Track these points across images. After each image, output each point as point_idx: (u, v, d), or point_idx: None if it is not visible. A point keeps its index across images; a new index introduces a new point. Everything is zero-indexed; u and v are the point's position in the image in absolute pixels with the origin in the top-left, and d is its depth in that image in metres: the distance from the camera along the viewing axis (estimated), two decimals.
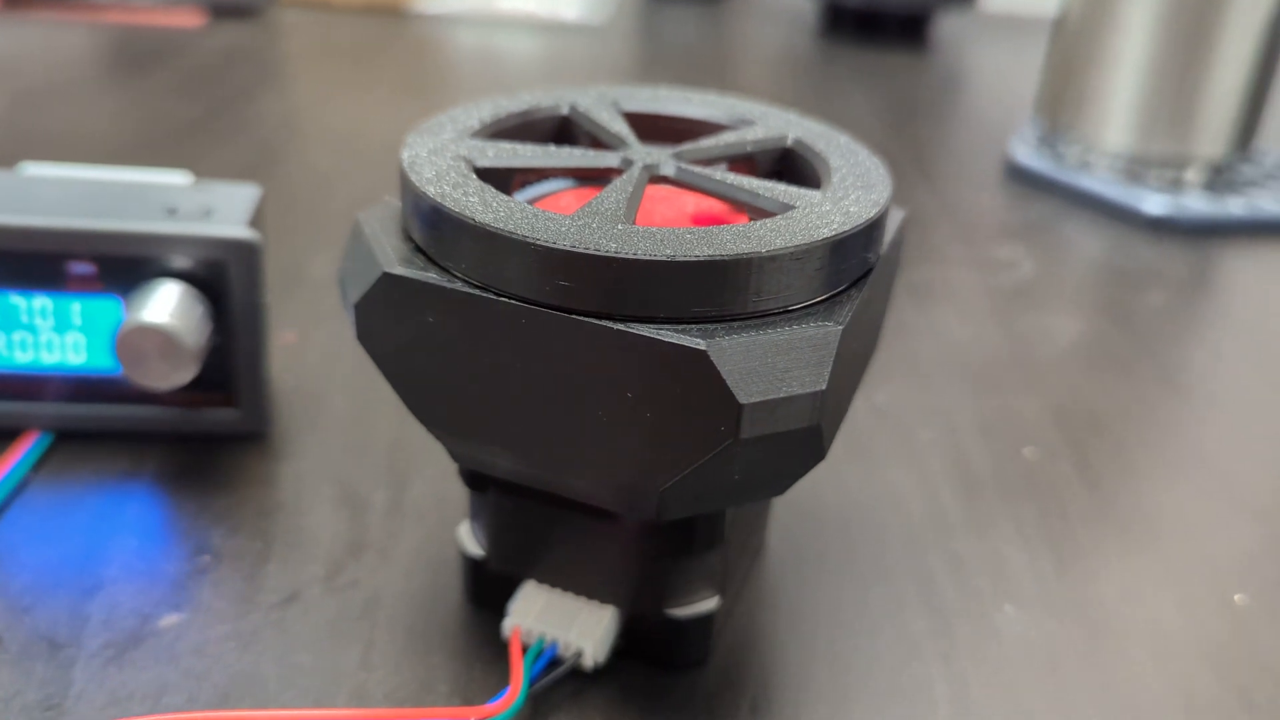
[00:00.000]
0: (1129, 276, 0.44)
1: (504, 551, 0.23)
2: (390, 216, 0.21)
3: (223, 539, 0.26)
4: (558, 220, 0.18)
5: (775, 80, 0.69)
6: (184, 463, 0.28)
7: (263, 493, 0.27)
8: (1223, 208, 0.49)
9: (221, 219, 0.27)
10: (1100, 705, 0.23)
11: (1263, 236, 0.49)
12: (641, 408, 0.18)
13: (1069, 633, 0.25)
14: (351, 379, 0.32)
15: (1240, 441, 0.33)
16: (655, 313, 0.18)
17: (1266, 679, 0.24)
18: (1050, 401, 0.34)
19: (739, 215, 0.22)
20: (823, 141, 0.23)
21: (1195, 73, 0.49)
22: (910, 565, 0.26)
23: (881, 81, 0.70)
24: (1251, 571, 0.27)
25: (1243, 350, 0.38)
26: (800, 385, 0.18)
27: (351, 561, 0.25)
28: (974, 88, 0.72)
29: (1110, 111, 0.52)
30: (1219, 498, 0.30)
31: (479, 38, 0.72)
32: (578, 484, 0.20)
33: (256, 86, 0.59)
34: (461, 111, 0.23)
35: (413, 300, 0.19)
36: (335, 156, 0.50)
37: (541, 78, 0.65)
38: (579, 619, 0.22)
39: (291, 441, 0.29)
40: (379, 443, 0.29)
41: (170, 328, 0.25)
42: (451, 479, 0.28)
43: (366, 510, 0.27)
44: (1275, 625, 0.25)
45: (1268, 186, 0.52)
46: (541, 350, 0.18)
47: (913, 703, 0.23)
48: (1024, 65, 0.77)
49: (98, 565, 0.25)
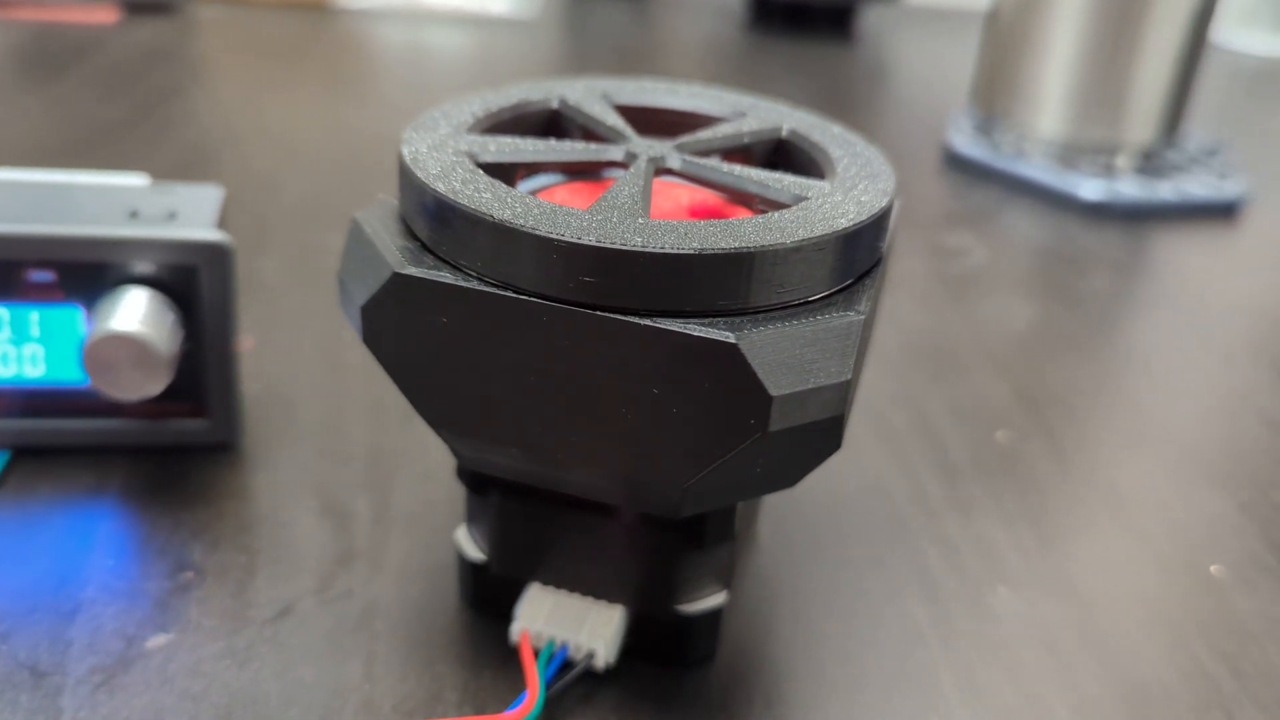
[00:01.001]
0: (1073, 261, 0.45)
1: (507, 554, 0.22)
2: (389, 215, 0.20)
3: (203, 554, 0.25)
4: (577, 215, 0.18)
5: (707, 73, 0.70)
6: (152, 476, 0.27)
7: (240, 505, 0.26)
8: (1153, 192, 0.50)
9: (187, 221, 0.26)
10: (1102, 681, 0.23)
11: (1190, 219, 0.50)
12: (667, 403, 0.18)
13: (1061, 611, 0.25)
14: (318, 383, 0.31)
15: (1195, 414, 0.34)
16: (681, 306, 0.17)
17: (1252, 646, 0.25)
18: (1015, 385, 0.35)
19: (734, 207, 0.22)
20: (817, 132, 0.23)
21: (1125, 61, 0.51)
22: (902, 551, 0.27)
23: (811, 73, 0.70)
24: (1222, 542, 0.28)
25: (1186, 327, 0.40)
26: (827, 376, 0.18)
27: (342, 572, 0.24)
28: (902, 78, 0.73)
29: (1044, 100, 0.53)
30: (1183, 470, 0.31)
31: (406, 33, 0.71)
32: (597, 482, 0.19)
33: (181, 85, 0.57)
34: (452, 106, 0.22)
35: (426, 301, 0.18)
36: (273, 157, 0.48)
37: (474, 73, 0.65)
38: (589, 620, 0.22)
39: (263, 451, 0.28)
40: (355, 449, 0.29)
41: (142, 336, 0.24)
42: (435, 483, 0.27)
43: (351, 519, 0.26)
44: (1251, 594, 0.26)
45: (1191, 171, 0.53)
46: (563, 347, 0.18)
47: (921, 689, 0.23)
48: (949, 56, 0.79)
49: (73, 587, 0.23)
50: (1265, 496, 0.30)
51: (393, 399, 0.31)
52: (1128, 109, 0.52)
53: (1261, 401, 0.35)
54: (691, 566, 0.22)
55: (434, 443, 0.29)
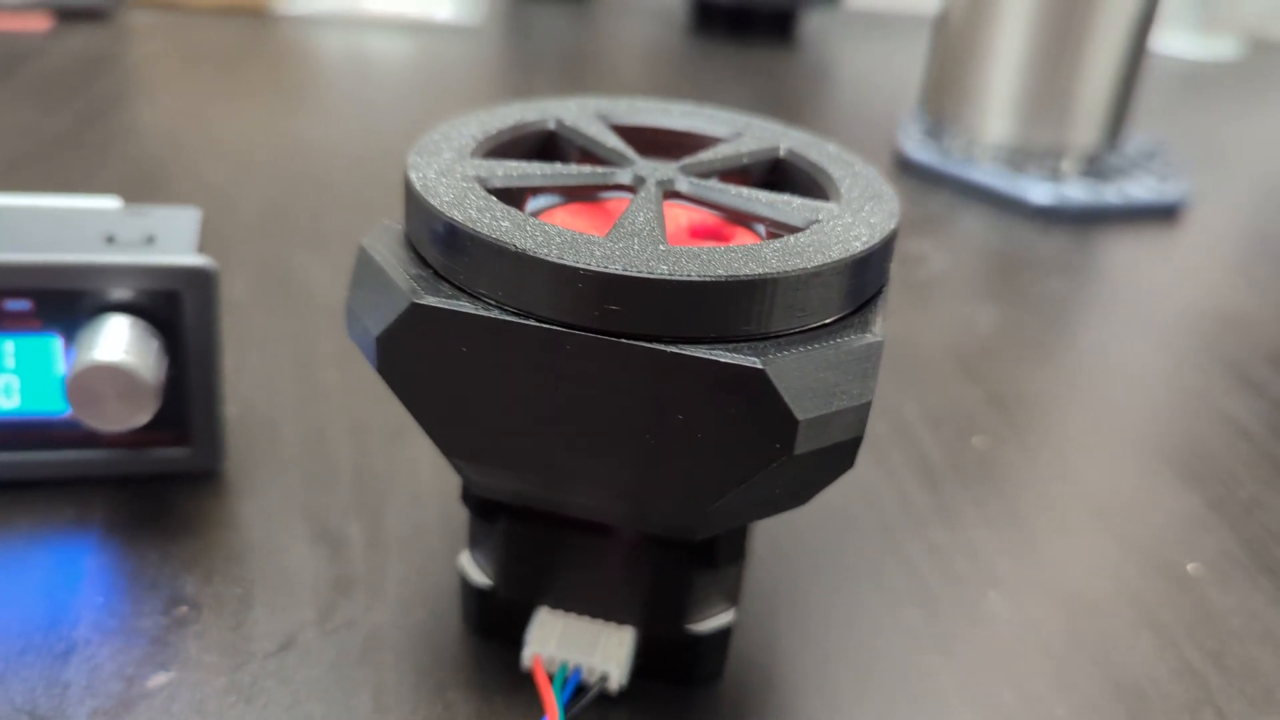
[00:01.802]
0: (1028, 265, 0.46)
1: (515, 579, 0.22)
2: (396, 241, 0.20)
3: (197, 587, 0.24)
4: (598, 243, 0.18)
5: (653, 77, 0.70)
6: (135, 507, 0.26)
7: (230, 535, 0.26)
8: (1099, 195, 0.52)
9: (167, 245, 0.26)
10: (1096, 681, 0.24)
11: (1134, 221, 0.52)
12: (692, 428, 0.18)
13: (1051, 613, 0.26)
14: (297, 405, 0.31)
15: (1159, 415, 0.35)
16: (704, 333, 0.17)
17: (1234, 643, 0.25)
18: (985, 389, 0.35)
19: (732, 227, 0.22)
20: (814, 151, 0.23)
21: (1070, 66, 0.52)
22: (894, 559, 0.27)
23: (756, 77, 0.71)
24: (1196, 540, 0.29)
25: (1142, 329, 0.41)
26: (849, 398, 0.18)
27: (342, 601, 0.24)
28: (846, 82, 0.74)
29: (992, 104, 0.54)
30: (1152, 469, 0.32)
31: (349, 40, 0.70)
32: (616, 507, 0.19)
33: (121, 95, 0.56)
34: (451, 129, 0.22)
35: (445, 331, 0.18)
36: (225, 170, 0.47)
37: (420, 81, 0.64)
38: (600, 642, 0.22)
39: (247, 477, 0.28)
40: (341, 472, 0.28)
41: (128, 365, 0.24)
42: (426, 506, 0.27)
43: (345, 545, 0.26)
44: (1229, 591, 0.27)
45: (1133, 174, 0.55)
46: (586, 375, 0.18)
47: (925, 697, 0.23)
48: (892, 59, 0.80)
49: (64, 626, 0.23)
50: (1232, 494, 0.31)
51: (375, 419, 0.30)
52: (1073, 113, 0.53)
53: (1220, 401, 0.36)
54: (703, 586, 0.22)
55: (422, 464, 0.29)
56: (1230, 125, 0.72)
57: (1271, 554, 0.29)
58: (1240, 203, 0.57)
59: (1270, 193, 0.59)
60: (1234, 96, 0.79)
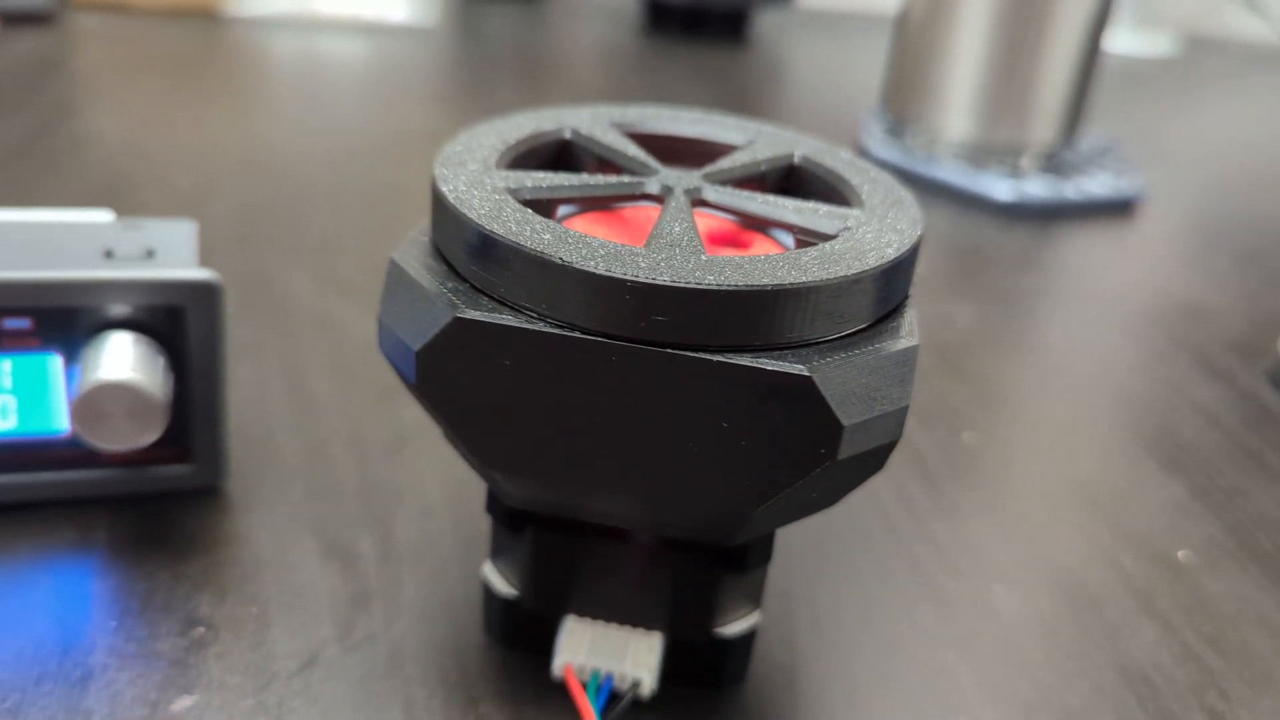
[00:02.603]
0: (996, 261, 0.47)
1: (542, 589, 0.22)
2: (427, 253, 0.20)
3: (212, 607, 0.24)
4: (640, 254, 0.18)
5: (609, 77, 0.70)
6: (139, 527, 0.26)
7: (239, 551, 0.25)
8: (1058, 192, 0.53)
9: (168, 259, 0.25)
10: (1105, 670, 0.25)
11: (1092, 216, 0.53)
12: (737, 436, 0.18)
13: (1054, 604, 0.27)
14: (292, 417, 0.30)
15: (1135, 405, 0.36)
16: (748, 341, 0.18)
17: (1229, 628, 0.26)
18: (971, 386, 0.36)
19: (751, 234, 0.22)
20: (828, 157, 0.23)
21: (1029, 65, 0.53)
22: (900, 557, 0.28)
23: (712, 77, 0.71)
24: (1183, 527, 0.30)
25: (1110, 322, 0.42)
26: (890, 403, 0.18)
27: (360, 616, 0.24)
28: (802, 81, 0.75)
29: (953, 103, 0.55)
30: (1135, 459, 0.33)
31: (302, 42, 0.69)
32: (656, 516, 0.19)
33: (76, 101, 0.54)
34: (470, 139, 0.22)
35: (488, 344, 0.18)
36: (193, 177, 0.46)
37: (376, 83, 0.63)
38: (630, 649, 0.22)
39: (250, 493, 0.27)
40: (345, 484, 0.28)
41: (136, 383, 0.23)
42: (435, 516, 0.27)
43: (357, 559, 0.25)
44: (1219, 577, 0.28)
45: (1089, 171, 0.56)
46: (630, 386, 0.18)
47: (945, 693, 0.24)
48: (846, 59, 0.81)
49: (79, 652, 0.22)
50: (1213, 482, 0.32)
51: (373, 430, 0.30)
52: (1032, 111, 0.54)
53: (1191, 391, 0.37)
54: (731, 590, 0.22)
55: (426, 474, 0.29)
56: (1173, 120, 0.74)
57: (1256, 540, 0.30)
58: (1188, 196, 0.58)
59: (1215, 186, 0.61)
60: (1173, 92, 0.82)
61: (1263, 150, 0.70)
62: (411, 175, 0.49)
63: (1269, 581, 0.28)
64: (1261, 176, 0.64)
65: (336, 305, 0.37)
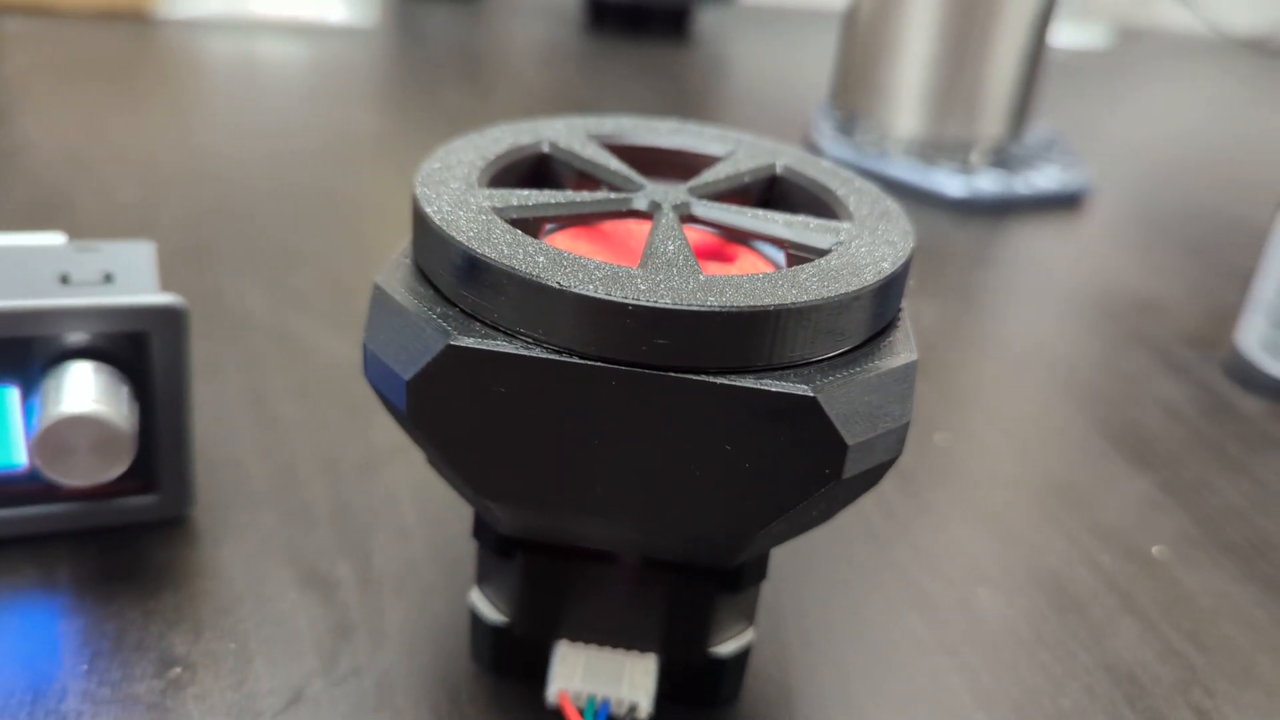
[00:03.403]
0: (952, 257, 0.47)
1: (534, 615, 0.22)
2: (412, 277, 0.19)
3: (187, 645, 0.23)
4: (638, 275, 0.17)
5: (552, 76, 0.69)
6: (104, 562, 0.25)
7: (212, 585, 0.24)
8: (1009, 186, 0.54)
9: (129, 284, 0.24)
10: (1092, 670, 0.25)
11: (1042, 210, 0.54)
12: (739, 458, 0.18)
13: (1037, 605, 0.27)
14: (256, 441, 0.29)
15: (1099, 401, 0.36)
16: (751, 363, 0.17)
17: (1207, 623, 0.27)
18: (938, 386, 0.36)
19: (733, 247, 0.22)
20: (810, 166, 0.23)
21: (977, 60, 0.54)
22: (884, 564, 0.27)
23: (656, 75, 0.71)
24: (1155, 523, 0.30)
25: (1067, 316, 0.43)
26: (892, 420, 0.18)
27: (344, 647, 0.23)
28: (747, 78, 0.75)
29: (902, 100, 0.55)
30: (1103, 455, 0.33)
31: (238, 45, 0.67)
32: (656, 540, 0.19)
33: (6, 109, 0.52)
34: (448, 155, 0.21)
35: (482, 372, 0.17)
36: (135, 189, 0.45)
37: (316, 85, 0.62)
38: (625, 672, 0.22)
39: (218, 522, 0.26)
40: (318, 509, 0.27)
41: (101, 416, 0.22)
42: (413, 540, 0.26)
43: (336, 587, 0.25)
44: (1194, 571, 0.28)
45: (1036, 165, 0.57)
46: (630, 411, 0.17)
47: (939, 700, 0.24)
48: (790, 55, 0.81)
49: (51, 699, 0.21)
50: (1179, 476, 0.33)
51: (342, 451, 0.29)
52: (981, 106, 0.55)
53: (1151, 385, 0.38)
54: (727, 609, 0.22)
55: (401, 496, 0.28)
56: (1110, 112, 0.76)
57: (1225, 533, 0.30)
58: (1132, 188, 0.59)
59: (1156, 177, 0.62)
60: (1109, 84, 0.83)
61: (1198, 140, 0.71)
62: (363, 182, 0.48)
63: (1242, 574, 0.29)
64: (1200, 166, 0.65)
65: (295, 320, 0.36)
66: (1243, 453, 0.34)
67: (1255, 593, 0.28)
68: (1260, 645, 0.26)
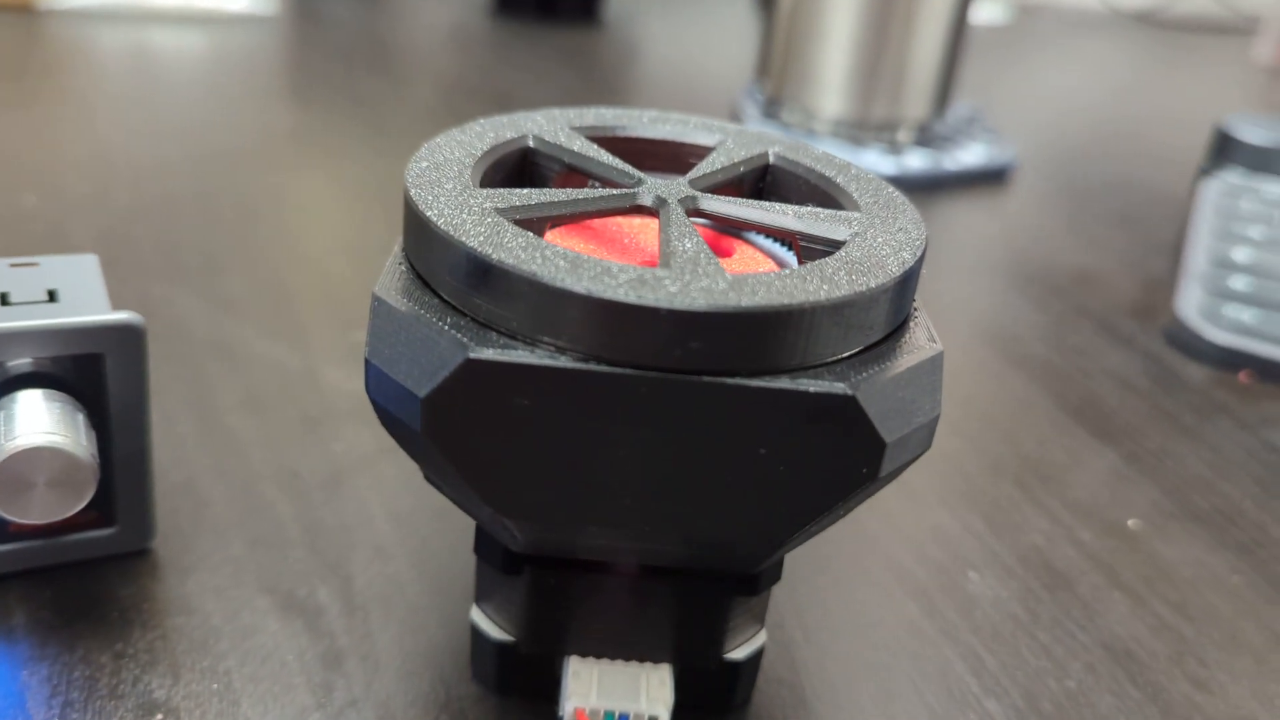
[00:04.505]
0: None
1: (542, 631, 0.21)
2: (414, 286, 0.18)
3: (167, 689, 0.21)
4: (665, 277, 0.16)
5: (466, 62, 0.67)
6: (63, 603, 0.23)
7: (183, 621, 0.23)
8: (938, 164, 0.54)
9: (75, 301, 0.22)
10: (1090, 648, 0.25)
11: (970, 187, 0.55)
12: (775, 462, 0.17)
13: (1028, 585, 0.27)
14: (213, 459, 0.28)
15: (1055, 375, 0.37)
16: (786, 363, 0.17)
17: (1191, 592, 0.27)
18: None
19: (727, 239, 0.21)
20: (803, 155, 0.22)
21: (901, 40, 0.54)
22: (873, 553, 0.27)
23: (571, 58, 0.70)
24: (1126, 496, 0.31)
25: (1013, 292, 0.43)
26: (924, 414, 0.18)
27: (338, 678, 0.22)
28: (663, 60, 0.74)
29: (828, 81, 0.55)
30: (1069, 431, 0.33)
31: (132, 36, 0.64)
32: (688, 551, 0.18)
33: None
34: (434, 154, 0.20)
35: (504, 385, 0.16)
36: (41, 192, 0.42)
37: (218, 76, 0.59)
38: (642, 685, 0.21)
39: (182, 552, 0.25)
40: (288, 531, 0.26)
41: (60, 447, 0.20)
42: (392, 559, 0.25)
43: (319, 614, 0.23)
44: (1169, 542, 0.29)
45: (961, 142, 0.58)
46: (661, 419, 0.16)
47: (946, 685, 0.23)
48: (703, 36, 0.81)
49: None
50: (1142, 447, 0.33)
51: (304, 467, 0.28)
52: (906, 86, 0.55)
53: (1102, 358, 0.38)
54: (742, 613, 0.21)
55: (374, 511, 0.26)
56: (1021, 88, 0.77)
57: (1193, 502, 0.31)
58: (1052, 161, 0.60)
59: (1072, 149, 0.63)
60: (1015, 60, 0.85)
61: (1106, 112, 0.73)
62: (284, 179, 0.46)
63: (1215, 542, 0.29)
64: (1112, 138, 0.67)
65: (232, 328, 0.34)
66: (1196, 421, 0.35)
67: (1230, 559, 0.28)
68: (1242, 612, 0.27)
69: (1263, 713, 0.24)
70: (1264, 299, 0.41)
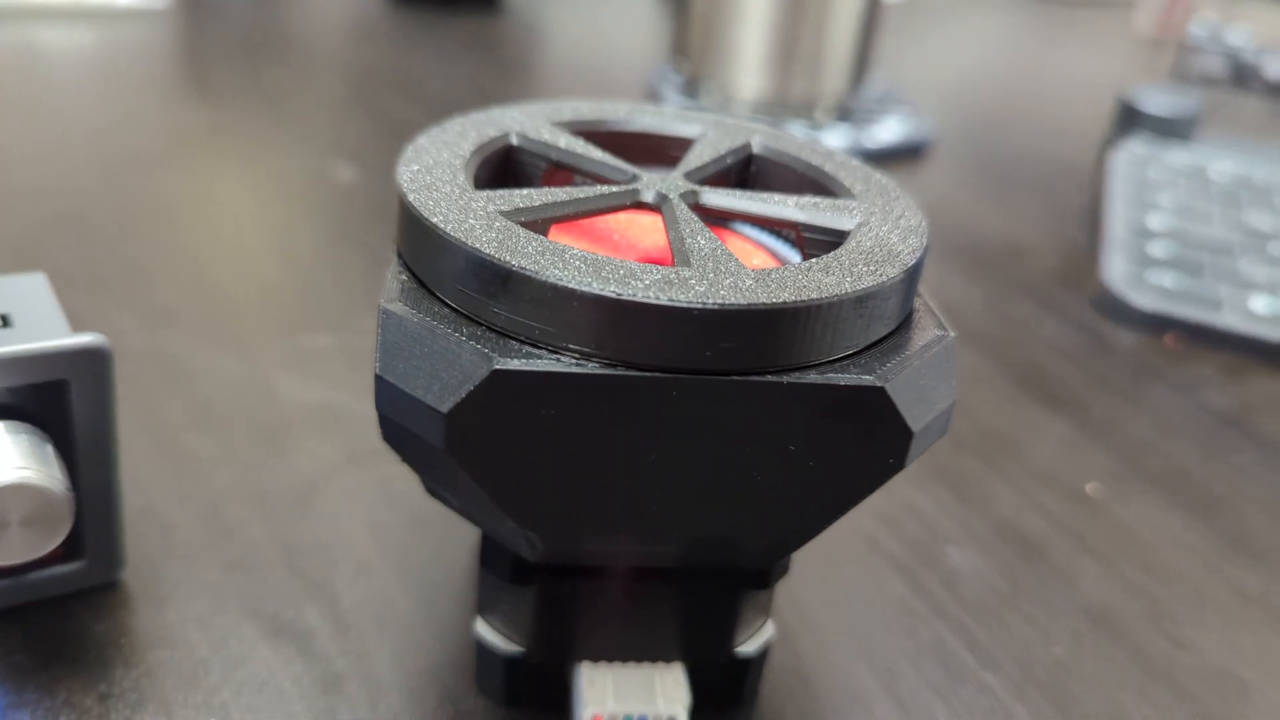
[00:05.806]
0: None
1: (552, 640, 0.20)
2: (421, 296, 0.17)
3: None
4: (690, 276, 0.16)
5: (367, 52, 0.65)
6: (36, 642, 0.22)
7: (167, 654, 0.22)
8: (857, 141, 0.55)
9: (30, 325, 0.21)
10: (1071, 615, 0.26)
11: (889, 162, 0.55)
12: (804, 457, 0.17)
13: (1004, 556, 0.27)
14: (174, 481, 0.26)
15: (997, 346, 0.38)
16: (811, 357, 0.17)
17: (1153, 555, 0.28)
18: None
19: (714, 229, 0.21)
20: (785, 144, 0.22)
21: (817, 17, 0.54)
22: (854, 535, 0.27)
23: (474, 45, 0.69)
24: (1079, 462, 0.32)
25: (946, 266, 0.44)
26: (943, 400, 0.18)
27: (339, 702, 0.21)
28: (569, 45, 0.73)
29: (745, 60, 0.55)
30: (1017, 401, 0.34)
31: (17, 34, 0.60)
32: (716, 553, 0.18)
33: None
34: (423, 155, 0.19)
35: (530, 396, 0.16)
36: None
37: (122, 76, 0.56)
38: (656, 686, 0.21)
39: (154, 581, 0.23)
40: (264, 552, 0.25)
41: (33, 483, 0.19)
42: (377, 574, 0.24)
43: (311, 637, 0.23)
44: (1126, 505, 0.30)
45: (877, 118, 0.58)
46: (691, 421, 0.16)
47: (945, 662, 0.24)
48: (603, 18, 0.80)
49: None
50: (1088, 414, 0.34)
51: (272, 484, 0.27)
52: (823, 63, 0.55)
53: (1039, 328, 0.40)
54: (751, 608, 0.21)
55: (353, 525, 0.26)
56: (926, 61, 0.78)
57: (1144, 464, 0.32)
58: (962, 134, 0.62)
59: (985, 123, 0.65)
60: (916, 34, 0.86)
61: (1009, 85, 0.75)
62: (203, 179, 0.44)
63: (1168, 502, 0.30)
64: (1019, 111, 0.68)
65: (172, 341, 0.32)
66: (1134, 386, 0.36)
67: (1184, 518, 0.30)
68: (1202, 569, 0.28)
69: (1238, 665, 0.25)
70: (1182, 263, 0.42)
